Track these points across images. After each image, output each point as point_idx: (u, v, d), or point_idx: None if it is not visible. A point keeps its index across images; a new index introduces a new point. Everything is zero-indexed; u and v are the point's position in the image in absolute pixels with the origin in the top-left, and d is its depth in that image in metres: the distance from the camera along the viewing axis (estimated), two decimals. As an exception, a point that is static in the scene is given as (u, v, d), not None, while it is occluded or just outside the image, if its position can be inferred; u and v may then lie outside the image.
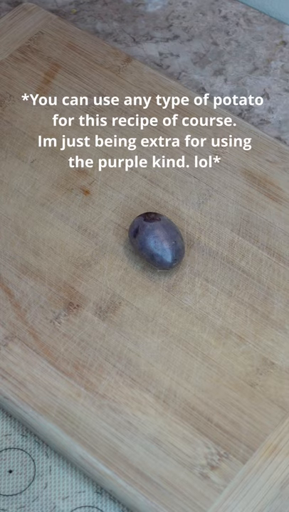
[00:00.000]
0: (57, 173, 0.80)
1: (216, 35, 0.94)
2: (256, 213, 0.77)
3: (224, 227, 0.77)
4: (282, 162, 0.80)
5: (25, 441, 0.69)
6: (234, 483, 0.64)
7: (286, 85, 0.89)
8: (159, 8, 0.96)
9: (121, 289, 0.73)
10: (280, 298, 0.73)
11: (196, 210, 0.77)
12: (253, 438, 0.66)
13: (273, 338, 0.71)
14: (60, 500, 0.66)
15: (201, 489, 0.64)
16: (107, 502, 0.66)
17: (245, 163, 0.80)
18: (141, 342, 0.71)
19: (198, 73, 0.91)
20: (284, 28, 0.94)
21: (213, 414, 0.67)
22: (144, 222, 0.73)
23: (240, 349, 0.70)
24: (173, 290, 0.73)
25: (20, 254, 0.75)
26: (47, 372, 0.69)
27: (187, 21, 0.95)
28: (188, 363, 0.69)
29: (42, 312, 0.72)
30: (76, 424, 0.67)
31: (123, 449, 0.66)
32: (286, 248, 0.75)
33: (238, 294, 0.73)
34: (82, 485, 0.67)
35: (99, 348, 0.70)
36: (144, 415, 0.67)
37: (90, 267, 0.74)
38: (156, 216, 0.73)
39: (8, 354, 0.70)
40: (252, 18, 0.95)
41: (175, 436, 0.66)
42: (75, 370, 0.69)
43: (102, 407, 0.67)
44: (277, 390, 0.68)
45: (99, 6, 0.96)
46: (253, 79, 0.90)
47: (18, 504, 0.66)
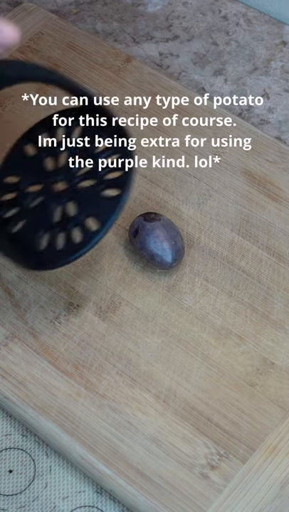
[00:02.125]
0: (57, 173, 0.80)
1: (216, 36, 0.94)
2: (256, 213, 0.77)
3: (224, 227, 0.77)
4: (282, 162, 0.80)
5: (26, 441, 0.69)
6: (234, 483, 0.64)
7: (286, 85, 0.89)
8: (159, 8, 0.96)
9: (121, 289, 0.73)
10: (280, 298, 0.73)
11: (196, 210, 0.77)
12: (253, 438, 0.66)
13: (273, 338, 0.71)
14: (60, 500, 0.66)
15: (201, 489, 0.64)
16: (107, 502, 0.66)
17: (245, 163, 0.80)
18: (141, 342, 0.71)
19: (198, 73, 0.91)
20: (284, 28, 0.94)
21: (213, 414, 0.67)
22: (144, 222, 0.73)
23: (240, 349, 0.70)
24: (173, 290, 0.73)
25: (21, 254, 0.75)
26: (47, 372, 0.69)
27: (187, 21, 0.95)
28: (188, 363, 0.69)
29: (42, 312, 0.72)
30: (76, 424, 0.67)
31: (123, 449, 0.66)
32: (286, 248, 0.75)
33: (238, 294, 0.73)
34: (82, 485, 0.67)
35: (99, 348, 0.70)
36: (144, 415, 0.67)
37: (90, 267, 0.74)
38: (156, 216, 0.73)
39: (8, 354, 0.70)
40: (252, 19, 0.95)
41: (175, 436, 0.66)
42: (75, 370, 0.69)
43: (102, 406, 0.67)
44: (277, 390, 0.68)
45: (99, 6, 0.96)
46: (253, 79, 0.90)
47: (18, 504, 0.66)
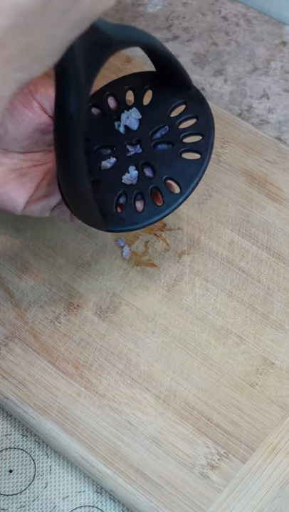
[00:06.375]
0: (57, 173, 0.80)
1: (216, 36, 0.94)
2: (256, 213, 0.77)
3: (224, 227, 0.77)
4: (282, 162, 0.80)
5: (26, 441, 0.69)
6: (234, 483, 0.64)
7: (286, 85, 0.89)
8: (159, 8, 0.96)
9: (121, 289, 0.73)
10: (280, 298, 0.73)
11: (196, 210, 0.77)
12: (253, 438, 0.66)
13: (273, 338, 0.71)
14: (60, 499, 0.66)
15: (201, 489, 0.64)
16: (107, 502, 0.66)
17: (245, 163, 0.80)
18: (141, 342, 0.71)
19: (198, 73, 0.91)
20: (284, 29, 0.94)
21: (213, 414, 0.67)
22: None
23: (240, 349, 0.70)
24: (173, 290, 0.73)
25: (20, 254, 0.75)
26: (47, 372, 0.69)
27: (187, 22, 0.95)
28: (188, 362, 0.70)
29: (42, 312, 0.72)
30: (76, 423, 0.67)
31: (123, 449, 0.66)
32: (286, 248, 0.75)
33: (238, 294, 0.73)
34: (82, 485, 0.67)
35: (99, 348, 0.70)
36: (144, 415, 0.67)
37: (90, 267, 0.74)
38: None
39: (8, 354, 0.70)
40: (252, 19, 0.95)
41: (175, 436, 0.66)
42: (75, 369, 0.69)
43: (102, 406, 0.67)
44: (277, 389, 0.68)
45: (99, 6, 0.96)
46: (252, 79, 0.90)
47: (19, 504, 0.66)
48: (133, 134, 0.69)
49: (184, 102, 0.68)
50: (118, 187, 0.67)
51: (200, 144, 0.67)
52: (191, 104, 0.68)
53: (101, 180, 0.68)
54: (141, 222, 0.67)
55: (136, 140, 0.68)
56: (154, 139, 0.68)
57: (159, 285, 0.73)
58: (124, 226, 0.67)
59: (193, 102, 0.68)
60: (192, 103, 0.68)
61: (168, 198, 0.67)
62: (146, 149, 0.68)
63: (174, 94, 0.68)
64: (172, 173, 0.67)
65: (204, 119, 0.68)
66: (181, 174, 0.67)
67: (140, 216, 0.67)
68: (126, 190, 0.67)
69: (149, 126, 0.68)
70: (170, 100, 0.69)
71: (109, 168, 0.68)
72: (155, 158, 0.68)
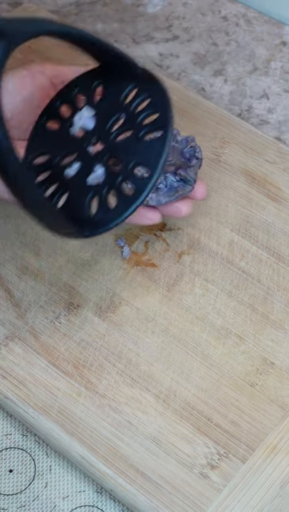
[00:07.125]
0: (57, 173, 0.80)
1: (216, 36, 0.94)
2: (256, 213, 0.77)
3: (224, 227, 0.77)
4: (281, 162, 0.80)
5: (26, 441, 0.69)
6: (234, 483, 0.64)
7: (286, 86, 0.89)
8: (159, 8, 0.96)
9: (121, 289, 0.73)
10: (280, 298, 0.73)
11: (196, 210, 0.78)
12: (253, 438, 0.66)
13: (273, 338, 0.71)
14: (60, 499, 0.66)
15: (201, 489, 0.64)
16: (107, 501, 0.66)
17: (245, 164, 0.80)
18: (141, 342, 0.71)
19: (198, 74, 0.91)
20: (284, 29, 0.94)
21: (213, 414, 0.67)
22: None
23: (240, 349, 0.70)
24: (173, 290, 0.73)
25: (21, 254, 0.75)
26: (47, 372, 0.69)
27: (187, 22, 0.95)
28: (188, 362, 0.70)
29: (42, 312, 0.72)
30: (76, 423, 0.67)
31: (123, 449, 0.66)
32: (286, 248, 0.75)
33: (238, 294, 0.73)
34: (82, 484, 0.67)
35: (99, 348, 0.70)
36: (144, 415, 0.67)
37: (90, 267, 0.75)
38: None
39: (8, 354, 0.70)
40: (252, 19, 0.95)
41: (175, 436, 0.66)
42: (75, 369, 0.69)
43: (102, 406, 0.67)
44: (277, 389, 0.68)
45: (99, 6, 0.96)
46: (252, 79, 0.90)
47: (19, 504, 0.66)
48: (92, 134, 0.67)
49: (135, 86, 0.66)
50: (87, 190, 0.66)
51: (159, 121, 0.65)
52: (142, 85, 0.66)
53: (69, 189, 0.66)
54: (117, 217, 0.65)
55: (96, 138, 0.67)
56: (114, 132, 0.66)
57: (159, 285, 0.74)
58: (102, 227, 0.65)
59: (144, 82, 0.66)
60: (143, 84, 0.66)
61: (138, 185, 0.65)
62: (107, 143, 0.66)
63: (123, 80, 0.66)
64: (138, 158, 0.65)
65: (158, 95, 0.65)
66: (147, 156, 0.65)
67: (115, 212, 0.65)
68: (96, 190, 0.66)
69: (106, 120, 0.67)
70: (120, 88, 0.67)
71: (75, 174, 0.67)
72: (118, 150, 0.66)
